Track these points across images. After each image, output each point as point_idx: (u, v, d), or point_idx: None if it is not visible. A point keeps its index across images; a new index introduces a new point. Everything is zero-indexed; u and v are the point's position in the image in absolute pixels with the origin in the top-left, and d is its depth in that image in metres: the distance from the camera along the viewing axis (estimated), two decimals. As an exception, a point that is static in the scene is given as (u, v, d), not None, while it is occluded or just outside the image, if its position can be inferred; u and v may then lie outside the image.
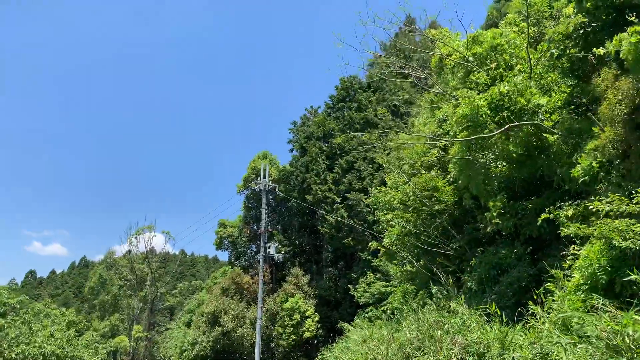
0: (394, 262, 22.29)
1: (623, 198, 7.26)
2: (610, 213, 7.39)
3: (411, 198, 16.79)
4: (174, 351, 38.39)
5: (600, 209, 7.42)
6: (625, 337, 5.12)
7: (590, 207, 7.76)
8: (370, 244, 26.01)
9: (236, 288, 34.79)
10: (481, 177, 12.16)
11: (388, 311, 19.19)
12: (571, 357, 5.62)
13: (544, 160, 12.05)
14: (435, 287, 13.59)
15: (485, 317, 10.26)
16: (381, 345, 11.90)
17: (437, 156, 15.51)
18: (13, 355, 20.50)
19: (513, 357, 7.64)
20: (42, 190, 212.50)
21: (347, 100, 37.78)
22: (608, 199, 7.41)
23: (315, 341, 30.79)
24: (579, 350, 5.61)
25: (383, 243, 20.13)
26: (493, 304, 9.64)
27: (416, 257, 17.38)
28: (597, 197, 7.93)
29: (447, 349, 9.82)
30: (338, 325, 19.57)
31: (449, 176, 15.41)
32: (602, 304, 6.17)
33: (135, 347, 46.33)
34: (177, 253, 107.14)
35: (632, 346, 5.02)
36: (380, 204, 21.15)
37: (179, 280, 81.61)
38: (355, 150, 33.43)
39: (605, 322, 5.57)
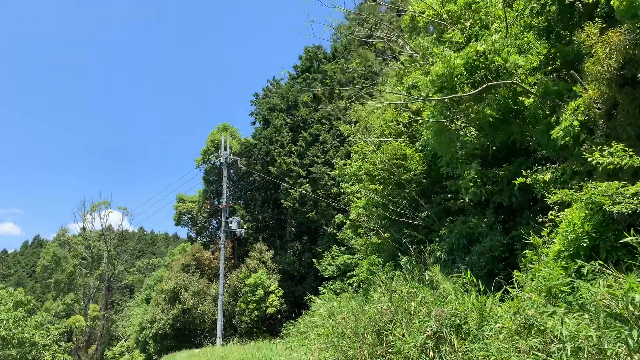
0: (359, 234, 21.82)
1: (627, 148, 6.75)
2: (609, 167, 6.87)
3: (379, 167, 16.17)
4: (133, 329, 37.24)
5: (601, 162, 6.89)
6: (629, 303, 4.58)
7: (589, 160, 7.20)
8: (335, 217, 25.47)
9: (197, 264, 33.74)
10: (455, 143, 11.58)
11: (355, 284, 18.71)
12: (565, 327, 5.08)
13: (520, 125, 11.57)
14: (405, 258, 13.08)
15: (461, 288, 9.82)
16: (350, 318, 11.30)
17: (409, 119, 14.77)
18: (-48, 340, 19.04)
19: (493, 329, 7.15)
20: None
21: (311, 70, 36.64)
22: (611, 149, 6.87)
23: (279, 316, 30.26)
24: (574, 319, 5.08)
25: (349, 216, 19.55)
26: (468, 271, 9.16)
27: (383, 228, 16.88)
28: (596, 149, 7.35)
29: (421, 321, 9.32)
30: (305, 298, 18.97)
31: (418, 144, 14.82)
32: (600, 268, 5.64)
33: (91, 326, 44.72)
34: (135, 230, 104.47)
35: (637, 313, 4.50)
36: (346, 176, 20.53)
37: (138, 258, 79.37)
38: (322, 120, 32.54)
39: (603, 288, 5.04)
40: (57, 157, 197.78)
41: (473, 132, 12.28)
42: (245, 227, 33.91)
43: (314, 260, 30.94)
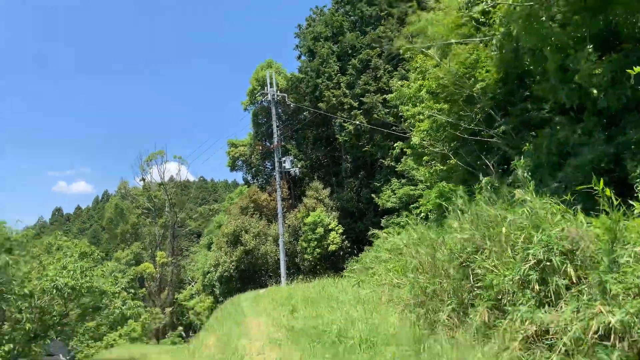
0: (422, 163, 20.06)
1: None
2: None
3: (444, 82, 14.09)
4: (199, 274, 38.13)
5: None
6: None
7: None
8: (394, 145, 23.71)
9: (255, 206, 33.38)
10: (550, 31, 9.35)
11: (422, 214, 17.20)
12: None
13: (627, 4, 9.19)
14: (486, 179, 11.29)
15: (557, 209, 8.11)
16: (426, 251, 9.86)
17: (487, 5, 12.11)
18: (25, 292, 19.49)
19: (631, 253, 5.47)
20: (56, 131, 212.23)
21: (357, -9, 33.62)
22: None
23: (341, 253, 29.62)
24: None
25: (411, 142, 17.76)
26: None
27: (452, 151, 15.02)
28: None
29: (519, 248, 7.75)
30: (369, 233, 17.75)
31: (492, 43, 12.47)
32: None
33: (161, 272, 46.53)
34: (196, 180, 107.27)
35: None
36: (405, 98, 18.55)
37: (200, 205, 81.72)
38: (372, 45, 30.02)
39: None
40: (113, 116, 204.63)
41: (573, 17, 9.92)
42: (299, 166, 32.80)
43: (373, 195, 29.65)
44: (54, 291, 19.80)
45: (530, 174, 11.72)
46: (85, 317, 25.12)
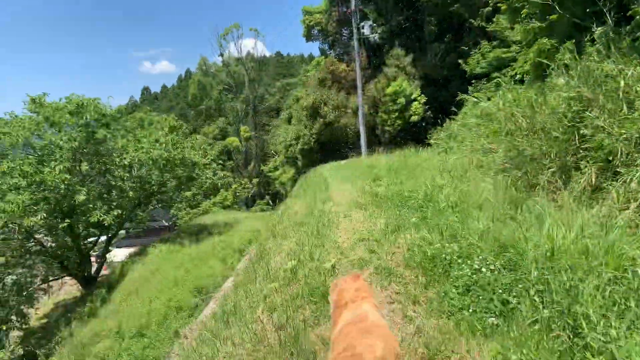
0: (519, 18, 17.73)
1: None
2: None
3: None
4: (281, 147, 39.19)
5: None
6: None
7: None
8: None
9: (332, 78, 32.54)
10: None
11: (517, 75, 15.59)
12: None
13: None
14: (599, 29, 9.67)
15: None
16: (524, 112, 8.94)
17: None
18: (125, 162, 21.14)
19: None
20: (135, 11, 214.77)
21: None
22: None
23: (424, 124, 28.61)
24: None
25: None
26: None
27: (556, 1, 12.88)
28: None
29: (637, 104, 6.69)
30: (457, 98, 16.66)
31: None
32: None
33: (246, 146, 48.51)
34: (273, 55, 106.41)
35: None
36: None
37: (278, 81, 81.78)
38: None
39: None
40: None
41: None
42: (378, 31, 30.80)
43: (460, 60, 27.45)
44: (150, 162, 21.32)
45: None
46: (181, 187, 27.38)
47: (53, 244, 21.43)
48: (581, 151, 7.35)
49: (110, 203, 21.31)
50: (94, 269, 24.10)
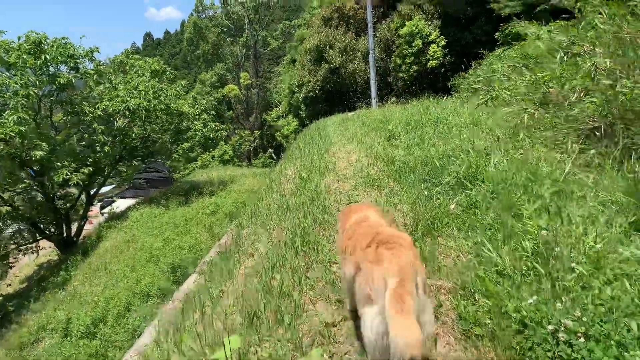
0: None
1: None
2: None
3: None
4: (284, 95, 35.95)
5: None
6: None
7: None
8: None
9: (339, 16, 28.75)
10: None
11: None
12: None
13: None
14: None
15: None
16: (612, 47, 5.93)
17: None
18: (99, 113, 18.27)
19: None
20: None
21: None
22: None
23: (443, 70, 25.15)
24: None
25: None
26: None
27: None
28: None
29: None
30: (497, 34, 13.48)
31: None
32: None
33: (246, 94, 45.11)
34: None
35: None
36: None
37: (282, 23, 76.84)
38: None
39: None
40: None
41: None
42: (393, -39, 26.71)
43: (486, -5, 23.76)
44: (127, 113, 18.46)
45: None
46: (172, 140, 24.70)
47: (21, 207, 19.03)
48: None
49: (86, 159, 18.70)
50: (74, 230, 21.82)
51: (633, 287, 2.88)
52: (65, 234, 21.06)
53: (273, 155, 47.21)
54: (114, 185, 36.00)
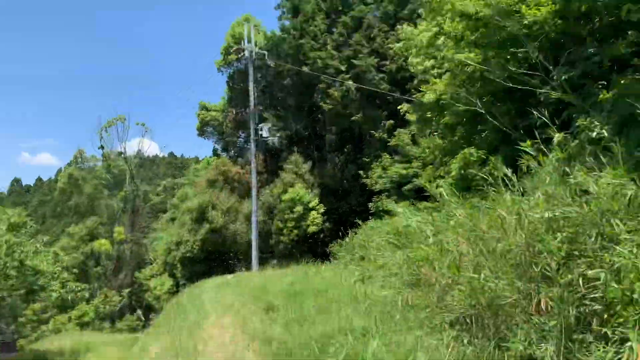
0: (428, 130, 16.70)
1: None
2: None
3: (485, 13, 10.63)
4: (160, 251, 34.23)
5: None
6: None
7: None
8: (399, 108, 20.29)
9: (224, 179, 29.51)
10: None
11: (439, 188, 13.80)
12: None
13: None
14: (529, 142, 7.83)
15: None
16: (484, 236, 6.49)
17: None
18: None
19: None
20: (21, 96, 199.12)
21: None
22: None
23: (322, 235, 26.16)
24: None
25: (423, 97, 14.24)
26: None
27: (485, 107, 11.57)
28: None
29: None
30: (371, 205, 14.35)
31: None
32: None
33: (119, 250, 42.27)
34: (165, 155, 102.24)
35: None
36: (416, 49, 15.14)
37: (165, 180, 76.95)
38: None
39: None
40: (80, 84, 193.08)
41: None
42: (277, 135, 28.94)
43: (360, 172, 26.34)
44: (-34, 272, 15.87)
45: (611, 133, 8.52)
46: (28, 300, 21.47)
47: None
48: (587, 303, 4.84)
49: None
50: None
51: None
52: None
53: (141, 316, 42.92)
54: None
